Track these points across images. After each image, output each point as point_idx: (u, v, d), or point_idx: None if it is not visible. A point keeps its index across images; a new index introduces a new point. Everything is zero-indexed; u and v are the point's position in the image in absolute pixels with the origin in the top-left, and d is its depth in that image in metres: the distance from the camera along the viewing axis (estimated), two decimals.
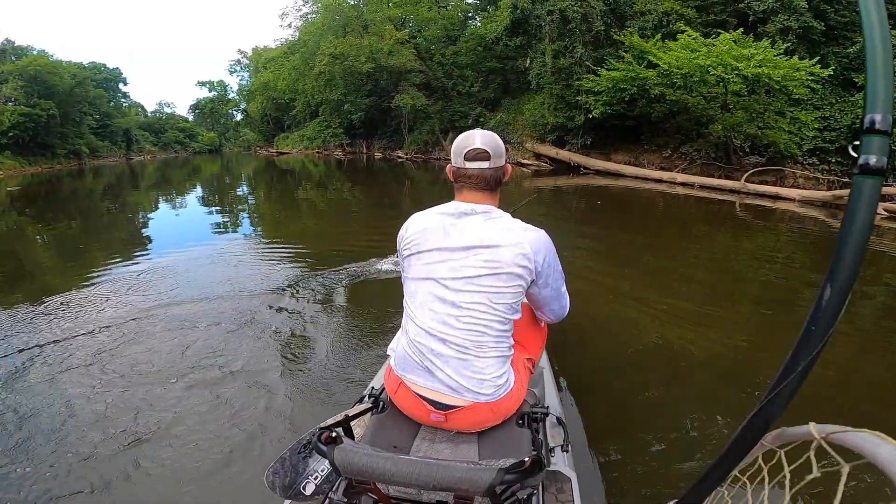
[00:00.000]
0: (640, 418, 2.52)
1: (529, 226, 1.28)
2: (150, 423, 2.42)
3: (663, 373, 2.99)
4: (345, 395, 2.69)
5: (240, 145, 55.28)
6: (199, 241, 6.95)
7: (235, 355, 3.15)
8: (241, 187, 17.81)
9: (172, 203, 12.94)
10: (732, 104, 12.65)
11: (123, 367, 3.02)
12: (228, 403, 2.60)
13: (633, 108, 15.25)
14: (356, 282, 4.72)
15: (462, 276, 1.22)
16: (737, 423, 0.74)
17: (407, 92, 23.29)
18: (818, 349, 0.61)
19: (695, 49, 12.06)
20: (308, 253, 6.11)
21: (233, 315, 3.83)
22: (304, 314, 3.88)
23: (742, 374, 3.01)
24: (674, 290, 4.56)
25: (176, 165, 33.18)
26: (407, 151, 24.70)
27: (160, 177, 23.58)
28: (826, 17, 12.28)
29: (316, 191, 14.47)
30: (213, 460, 2.16)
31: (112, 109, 43.26)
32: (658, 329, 3.60)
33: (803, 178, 11.97)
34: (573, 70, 16.38)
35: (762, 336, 3.63)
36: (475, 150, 1.27)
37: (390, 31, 23.70)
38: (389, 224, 8.13)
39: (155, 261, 5.80)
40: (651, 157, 15.45)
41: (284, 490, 1.19)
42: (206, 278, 4.91)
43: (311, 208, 11.34)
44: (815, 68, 10.90)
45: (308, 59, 27.04)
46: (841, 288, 0.61)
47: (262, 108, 39.53)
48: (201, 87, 62.18)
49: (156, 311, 3.98)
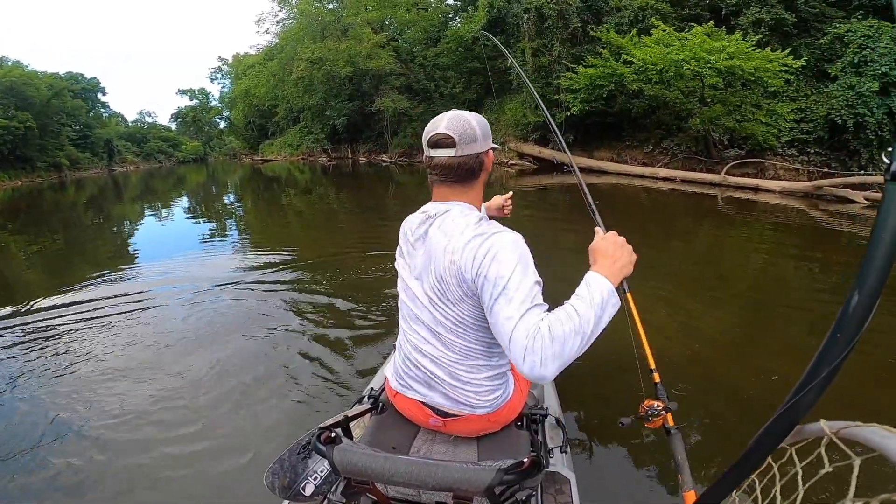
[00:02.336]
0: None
1: (485, 226, 1.04)
2: (147, 424, 2.47)
3: (662, 372, 2.96)
4: (342, 394, 2.73)
5: (225, 153, 55.01)
6: (187, 250, 6.98)
7: (230, 357, 3.22)
8: (228, 195, 17.75)
9: (159, 214, 12.71)
10: (710, 98, 12.67)
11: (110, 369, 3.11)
12: (225, 403, 2.65)
13: (613, 105, 15.25)
14: (353, 282, 4.79)
15: (428, 297, 1.11)
16: (736, 422, 0.76)
17: (388, 95, 23.19)
18: (843, 355, 0.60)
19: (669, 43, 12.07)
20: (295, 259, 6.09)
21: (228, 318, 3.95)
22: (300, 316, 3.96)
23: (741, 372, 2.99)
24: (673, 284, 4.56)
25: (160, 176, 32.77)
26: (391, 155, 24.59)
27: (145, 187, 23.27)
28: (797, 9, 12.32)
29: (302, 197, 14.45)
30: (210, 460, 2.20)
31: (92, 120, 42.72)
32: (656, 330, 3.57)
33: (783, 170, 12.02)
34: (552, 68, 16.39)
35: (759, 330, 3.65)
36: (437, 136, 1.08)
37: (368, 34, 23.56)
38: (376, 227, 8.08)
39: (146, 268, 5.98)
40: (633, 152, 15.47)
41: (284, 491, 1.18)
42: (197, 288, 4.88)
43: (299, 215, 11.26)
44: (787, 59, 10.95)
45: (286, 65, 26.81)
46: (869, 295, 0.59)
47: (245, 115, 39.20)
48: (182, 95, 61.60)
49: (145, 316, 4.12)
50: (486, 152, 1.14)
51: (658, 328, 3.60)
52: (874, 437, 0.56)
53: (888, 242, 0.59)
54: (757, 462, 0.73)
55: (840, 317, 0.61)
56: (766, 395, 2.64)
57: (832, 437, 0.63)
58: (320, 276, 4.99)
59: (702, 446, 2.29)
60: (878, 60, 10.59)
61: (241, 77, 41.04)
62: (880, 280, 0.59)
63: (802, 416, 0.67)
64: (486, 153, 1.14)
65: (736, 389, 2.75)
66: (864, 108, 10.67)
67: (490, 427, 1.22)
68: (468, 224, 1.05)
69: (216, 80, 61.71)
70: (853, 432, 0.60)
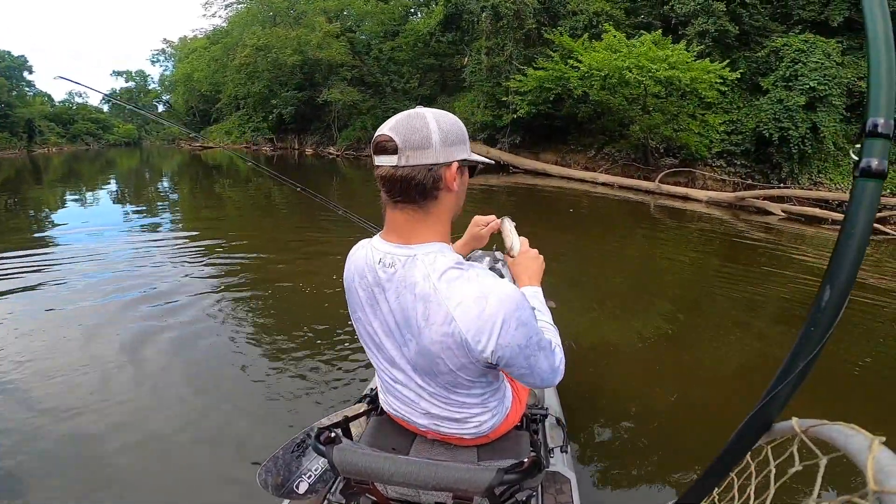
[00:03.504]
0: (639, 418, 2.53)
1: (476, 282, 0.82)
2: (139, 423, 2.37)
3: (661, 374, 3.03)
4: (339, 393, 2.65)
5: (162, 138, 52.64)
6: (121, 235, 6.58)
7: (210, 352, 3.11)
8: (162, 182, 16.45)
9: (84, 200, 11.34)
10: (651, 106, 12.92)
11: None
12: (220, 403, 2.56)
13: (561, 109, 15.32)
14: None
15: (408, 364, 0.96)
16: (735, 423, 0.74)
17: (336, 86, 22.49)
18: (817, 350, 0.63)
19: (617, 49, 12.18)
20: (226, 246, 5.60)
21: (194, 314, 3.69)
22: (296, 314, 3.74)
23: (739, 374, 3.10)
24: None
25: (87, 159, 30.27)
26: (339, 148, 23.82)
27: (68, 170, 21.26)
28: (742, 22, 12.72)
29: (241, 187, 13.59)
30: (206, 460, 2.14)
31: (14, 99, 39.53)
32: (655, 331, 3.68)
33: (711, 180, 12.46)
34: (503, 68, 16.39)
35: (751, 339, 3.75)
36: (379, 138, 0.82)
37: (321, 23, 22.77)
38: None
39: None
40: (577, 156, 15.68)
41: (277, 489, 1.17)
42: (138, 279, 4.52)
43: (237, 206, 10.41)
44: (724, 71, 11.26)
45: (230, 50, 25.56)
46: (840, 289, 0.62)
47: (186, 100, 37.17)
48: (117, 76, 58.02)
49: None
50: (449, 166, 0.84)
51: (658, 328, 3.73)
52: (838, 436, 0.56)
53: (857, 237, 0.62)
54: (734, 460, 0.75)
55: (813, 311, 0.63)
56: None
57: (801, 435, 0.63)
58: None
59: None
60: (807, 75, 10.98)
61: (185, 61, 39.14)
62: (851, 274, 0.62)
63: (778, 412, 0.69)
64: (447, 167, 0.83)
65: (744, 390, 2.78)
66: (790, 123, 11.06)
67: (484, 440, 1.14)
68: (448, 273, 0.84)
69: (158, 63, 58.53)
70: (820, 430, 0.60)
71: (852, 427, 0.55)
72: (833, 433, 0.57)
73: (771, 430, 0.70)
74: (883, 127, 0.61)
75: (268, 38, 22.72)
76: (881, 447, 0.49)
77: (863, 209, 0.62)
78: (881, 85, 0.62)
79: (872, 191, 0.62)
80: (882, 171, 0.60)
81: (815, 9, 12.36)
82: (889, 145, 0.62)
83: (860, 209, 0.62)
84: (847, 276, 0.61)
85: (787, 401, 0.67)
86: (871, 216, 0.62)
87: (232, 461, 2.11)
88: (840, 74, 11.03)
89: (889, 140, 0.61)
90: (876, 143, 0.61)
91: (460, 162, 0.85)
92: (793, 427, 0.64)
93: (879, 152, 0.61)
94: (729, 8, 12.63)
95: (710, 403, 2.71)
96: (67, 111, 51.61)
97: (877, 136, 0.61)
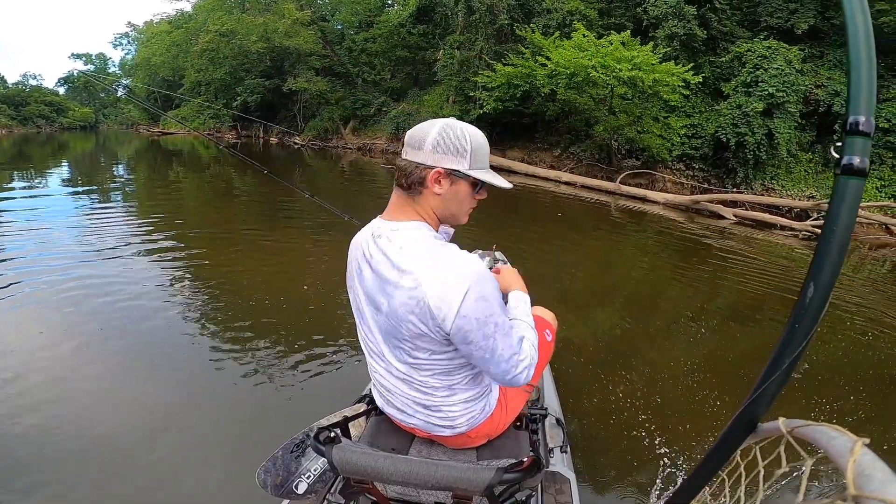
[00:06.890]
0: (639, 418, 2.53)
1: (445, 254, 0.91)
2: (136, 423, 2.31)
3: (660, 374, 3.04)
4: (338, 393, 2.57)
5: (120, 122, 50.96)
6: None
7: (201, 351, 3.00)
8: (116, 168, 15.46)
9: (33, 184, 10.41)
10: (617, 107, 12.91)
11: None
12: (217, 403, 2.51)
13: (529, 107, 15.22)
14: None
15: (379, 331, 1.02)
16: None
17: (303, 75, 21.88)
18: (803, 346, 0.63)
19: (585, 48, 12.08)
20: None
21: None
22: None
23: (738, 374, 3.13)
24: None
25: (37, 142, 28.53)
26: (304, 138, 23.19)
27: (17, 153, 20.00)
28: (710, 26, 12.80)
29: (200, 174, 12.96)
30: (205, 460, 2.10)
31: None
32: (654, 331, 3.78)
33: (671, 183, 12.56)
34: (472, 63, 16.23)
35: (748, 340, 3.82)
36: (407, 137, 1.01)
37: (290, 10, 22.09)
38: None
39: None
40: (543, 155, 15.64)
41: (276, 489, 1.18)
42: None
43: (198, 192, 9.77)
44: (687, 74, 11.28)
45: (192, 36, 24.56)
46: (824, 285, 0.62)
47: (147, 84, 35.75)
48: (76, 59, 55.56)
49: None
50: (433, 170, 0.95)
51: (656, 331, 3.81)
52: (822, 437, 0.56)
53: (840, 234, 0.62)
54: (721, 460, 0.75)
55: (797, 308, 0.64)
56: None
57: (787, 435, 0.63)
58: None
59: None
60: (767, 81, 11.07)
61: (147, 45, 37.75)
62: (834, 271, 0.62)
63: (765, 411, 0.69)
64: (432, 171, 0.95)
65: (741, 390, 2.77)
66: (747, 129, 11.16)
67: (471, 442, 1.16)
68: (424, 245, 0.94)
69: (120, 47, 56.48)
70: (804, 431, 0.59)
71: (836, 428, 0.55)
72: (817, 434, 0.57)
73: (757, 430, 0.70)
74: (864, 125, 0.61)
75: (232, 24, 21.87)
76: (864, 449, 0.48)
77: (845, 206, 0.62)
78: (861, 83, 0.62)
79: (854, 188, 0.62)
80: (863, 168, 0.61)
81: (783, 16, 12.54)
82: (870, 143, 0.62)
83: (842, 207, 0.62)
84: (830, 273, 0.62)
85: (773, 399, 0.67)
86: (854, 213, 0.62)
87: (231, 461, 2.07)
88: (798, 82, 11.19)
89: (869, 138, 0.61)
90: (857, 141, 0.61)
91: (448, 171, 0.95)
92: (779, 427, 0.65)
93: (860, 150, 0.61)
94: (699, 12, 12.71)
95: (710, 403, 2.73)
96: (20, 93, 49.30)
97: (858, 134, 0.61)
